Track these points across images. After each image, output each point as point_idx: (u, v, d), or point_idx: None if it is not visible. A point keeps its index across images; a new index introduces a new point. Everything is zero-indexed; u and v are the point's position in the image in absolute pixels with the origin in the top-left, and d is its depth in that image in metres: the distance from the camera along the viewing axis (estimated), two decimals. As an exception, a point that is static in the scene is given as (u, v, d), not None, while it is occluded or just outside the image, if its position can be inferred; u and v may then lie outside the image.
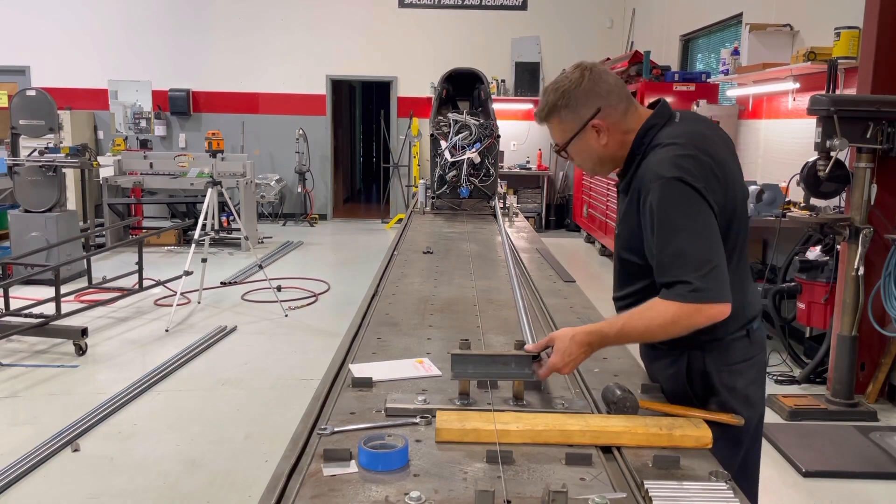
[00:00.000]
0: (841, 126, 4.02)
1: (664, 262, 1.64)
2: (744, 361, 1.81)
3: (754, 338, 1.84)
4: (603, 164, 1.88)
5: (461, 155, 4.94)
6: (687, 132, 1.76)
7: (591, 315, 2.53)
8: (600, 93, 1.78)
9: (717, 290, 1.60)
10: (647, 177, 1.69)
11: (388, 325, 2.37)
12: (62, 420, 3.99)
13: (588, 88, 1.77)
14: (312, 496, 1.27)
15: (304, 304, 6.60)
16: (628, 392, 1.64)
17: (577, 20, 11.46)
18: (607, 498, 1.25)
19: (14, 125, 7.12)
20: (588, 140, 1.81)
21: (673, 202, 1.64)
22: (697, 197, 1.64)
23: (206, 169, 8.92)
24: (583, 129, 1.79)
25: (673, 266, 1.62)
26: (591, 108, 1.78)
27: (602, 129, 1.79)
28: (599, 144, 1.81)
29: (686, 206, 1.64)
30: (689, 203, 1.64)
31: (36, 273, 5.76)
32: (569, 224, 11.64)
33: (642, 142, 1.79)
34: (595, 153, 1.84)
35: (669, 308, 1.61)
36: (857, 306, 4.23)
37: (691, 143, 1.71)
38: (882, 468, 3.61)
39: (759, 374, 1.87)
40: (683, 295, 1.59)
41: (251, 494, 3.29)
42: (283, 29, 11.47)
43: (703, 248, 1.62)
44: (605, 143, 1.81)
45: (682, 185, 1.63)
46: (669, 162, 1.67)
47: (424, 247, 3.71)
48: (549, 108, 1.81)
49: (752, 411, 1.83)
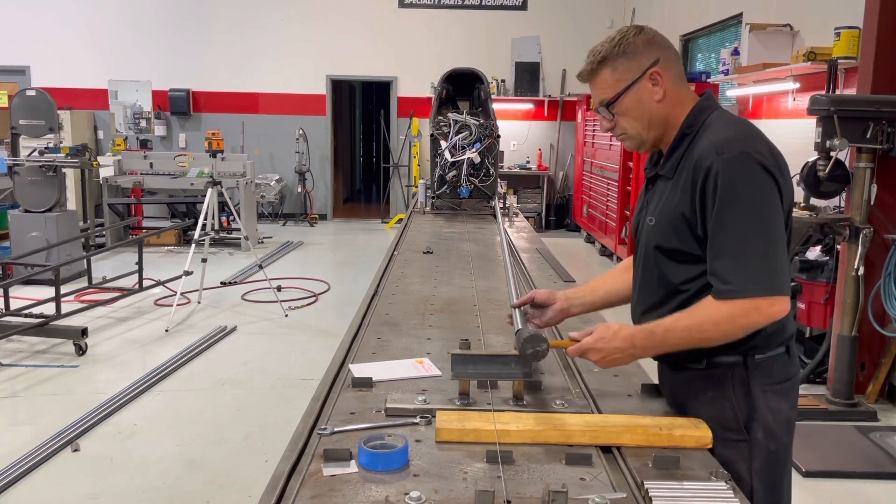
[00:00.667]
0: (841, 126, 4.02)
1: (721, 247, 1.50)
2: (785, 381, 1.67)
3: (792, 355, 1.70)
4: (651, 128, 1.68)
5: (461, 155, 4.94)
6: (744, 120, 1.68)
7: (591, 315, 2.53)
8: (660, 43, 1.67)
9: (779, 284, 1.47)
10: (707, 152, 1.54)
11: (388, 325, 2.36)
12: (62, 420, 3.99)
13: (647, 39, 1.66)
14: (312, 496, 1.27)
15: (304, 304, 6.60)
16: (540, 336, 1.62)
17: (577, 20, 11.46)
18: (607, 498, 1.25)
19: (14, 125, 7.12)
20: (642, 93, 1.65)
21: (742, 178, 1.49)
22: (768, 178, 1.50)
23: (206, 169, 8.92)
24: (640, 79, 1.64)
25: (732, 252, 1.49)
26: (651, 58, 1.64)
27: (659, 80, 1.64)
28: (654, 100, 1.65)
29: (755, 185, 1.49)
30: (758, 182, 1.49)
31: (36, 273, 5.76)
32: (569, 224, 11.64)
33: (695, 121, 1.65)
34: (647, 110, 1.66)
35: (724, 305, 1.49)
36: (857, 306, 4.23)
37: (754, 128, 1.61)
38: (882, 468, 3.61)
39: (797, 396, 1.74)
40: (741, 287, 1.47)
41: (251, 494, 3.29)
42: (284, 29, 11.47)
43: (767, 234, 1.48)
44: (659, 99, 1.65)
45: (754, 162, 1.49)
46: (737, 139, 1.54)
47: (424, 247, 3.71)
48: (602, 56, 1.66)
49: (791, 437, 1.70)
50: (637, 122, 1.69)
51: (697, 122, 1.65)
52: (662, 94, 1.66)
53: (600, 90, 1.70)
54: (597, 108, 1.72)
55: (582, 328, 1.73)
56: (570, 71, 11.52)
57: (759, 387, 1.63)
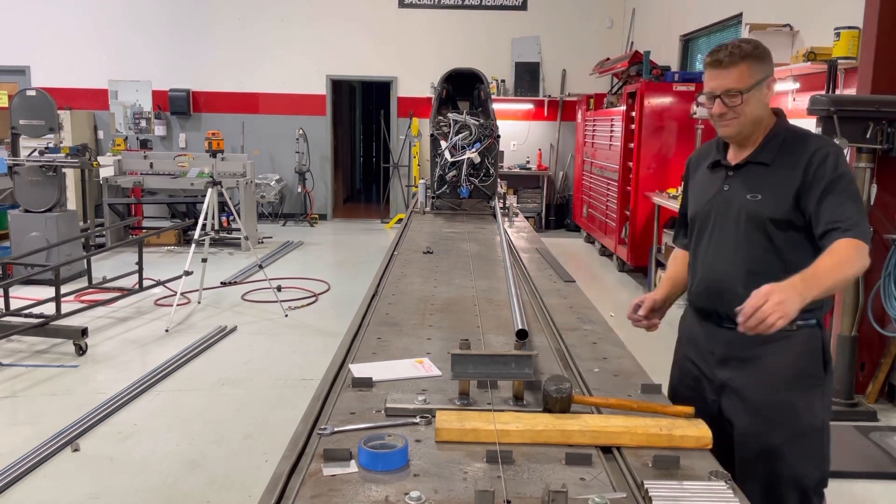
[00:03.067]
0: (841, 126, 4.02)
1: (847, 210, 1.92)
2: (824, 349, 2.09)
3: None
4: (756, 122, 2.06)
5: (461, 155, 4.93)
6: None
7: (592, 315, 2.53)
8: (772, 62, 2.07)
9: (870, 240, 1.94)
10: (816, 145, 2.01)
11: (388, 325, 2.36)
12: (62, 420, 3.99)
13: (769, 52, 2.05)
14: (312, 496, 1.27)
15: (304, 304, 6.60)
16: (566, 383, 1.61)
17: (577, 20, 11.46)
18: (607, 498, 1.25)
19: (14, 125, 7.13)
20: (761, 93, 2.02)
21: (846, 166, 2.02)
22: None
23: (206, 169, 8.93)
24: (764, 81, 2.02)
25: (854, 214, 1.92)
26: (771, 68, 2.06)
27: (772, 87, 2.06)
28: (765, 101, 2.05)
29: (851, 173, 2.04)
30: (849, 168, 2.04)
31: (36, 273, 5.76)
32: (569, 224, 11.64)
33: (782, 126, 2.09)
34: (759, 106, 2.04)
35: (854, 244, 1.87)
36: (857, 306, 4.23)
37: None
38: (882, 468, 3.62)
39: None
40: (864, 234, 1.90)
41: (251, 494, 3.29)
42: (284, 29, 11.47)
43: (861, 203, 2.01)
44: (767, 102, 2.06)
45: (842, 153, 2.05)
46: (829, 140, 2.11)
47: (424, 247, 3.71)
48: (748, 52, 2.00)
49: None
50: (752, 112, 2.04)
51: (784, 127, 2.10)
52: (769, 99, 2.07)
53: (734, 79, 2.00)
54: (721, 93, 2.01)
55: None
56: (569, 71, 11.52)
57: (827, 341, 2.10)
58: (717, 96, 2.02)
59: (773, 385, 2.04)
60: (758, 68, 2.01)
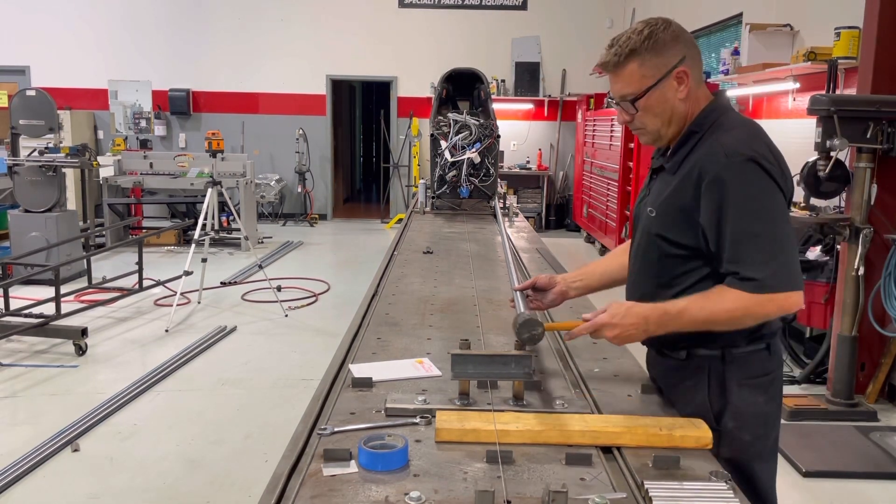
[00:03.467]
0: (841, 126, 4.02)
1: (736, 246, 1.56)
2: (763, 376, 1.73)
3: (774, 352, 1.75)
4: (671, 124, 1.71)
5: (461, 155, 4.93)
6: (751, 121, 1.72)
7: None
8: (687, 40, 1.68)
9: (793, 279, 1.55)
10: (715, 154, 1.60)
11: (388, 325, 2.36)
12: (62, 420, 3.99)
13: (675, 34, 1.67)
14: (312, 496, 1.27)
15: (304, 304, 6.60)
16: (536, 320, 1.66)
17: (576, 20, 11.46)
18: (607, 498, 1.25)
19: (14, 125, 7.12)
20: (667, 91, 1.67)
21: (749, 183, 1.57)
22: (771, 182, 1.58)
23: (206, 169, 8.93)
24: (666, 77, 1.65)
25: (747, 251, 1.55)
26: (677, 55, 1.66)
27: (685, 79, 1.66)
28: (677, 98, 1.67)
29: (761, 189, 1.57)
30: (764, 186, 1.57)
31: (36, 273, 5.76)
32: (569, 224, 11.63)
33: (705, 120, 1.69)
34: (669, 107, 1.68)
35: (742, 297, 1.54)
36: (857, 306, 4.23)
37: (759, 130, 1.67)
38: (882, 468, 3.61)
39: (777, 392, 1.78)
40: (758, 284, 1.53)
41: (251, 494, 3.29)
42: (284, 29, 11.47)
43: (777, 233, 1.56)
44: (682, 97, 1.67)
45: (759, 168, 1.57)
46: (744, 143, 1.60)
47: (424, 247, 3.70)
48: (630, 50, 1.64)
49: (769, 430, 1.76)
50: (658, 118, 1.71)
51: (707, 122, 1.69)
52: (686, 92, 1.68)
53: (625, 83, 1.68)
54: (618, 101, 1.71)
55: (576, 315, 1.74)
56: (570, 71, 11.52)
57: (735, 380, 1.70)
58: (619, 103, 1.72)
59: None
60: (653, 62, 1.64)
